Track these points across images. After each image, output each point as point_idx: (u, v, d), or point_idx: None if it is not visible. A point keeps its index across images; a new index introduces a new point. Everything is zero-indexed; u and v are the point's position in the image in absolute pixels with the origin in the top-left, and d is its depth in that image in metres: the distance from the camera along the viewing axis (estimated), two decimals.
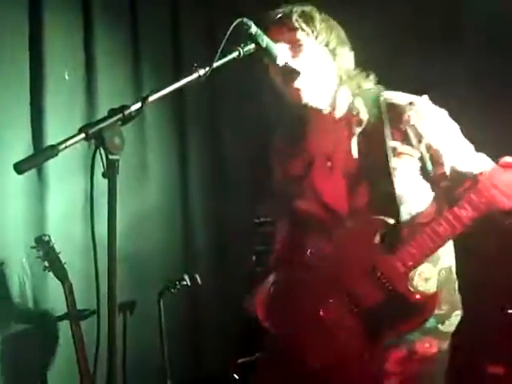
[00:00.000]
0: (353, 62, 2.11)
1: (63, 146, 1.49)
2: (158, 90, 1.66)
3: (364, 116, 2.05)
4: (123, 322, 3.23)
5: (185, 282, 3.27)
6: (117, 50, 3.60)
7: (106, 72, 3.46)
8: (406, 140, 2.00)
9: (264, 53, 1.88)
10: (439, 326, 2.08)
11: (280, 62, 1.92)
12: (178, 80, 1.69)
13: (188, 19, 3.86)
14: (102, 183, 1.61)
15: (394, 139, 2.00)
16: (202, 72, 1.72)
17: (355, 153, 2.03)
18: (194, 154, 3.90)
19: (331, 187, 2.07)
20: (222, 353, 3.65)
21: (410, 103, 2.01)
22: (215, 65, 1.72)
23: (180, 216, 3.83)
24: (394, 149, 1.99)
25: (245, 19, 1.79)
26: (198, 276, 3.29)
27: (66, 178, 3.23)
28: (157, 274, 3.57)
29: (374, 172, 1.99)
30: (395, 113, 2.01)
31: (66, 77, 3.32)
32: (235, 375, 3.48)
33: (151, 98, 1.64)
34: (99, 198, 1.61)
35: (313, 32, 2.00)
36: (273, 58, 1.91)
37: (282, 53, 1.92)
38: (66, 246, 3.10)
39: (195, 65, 1.72)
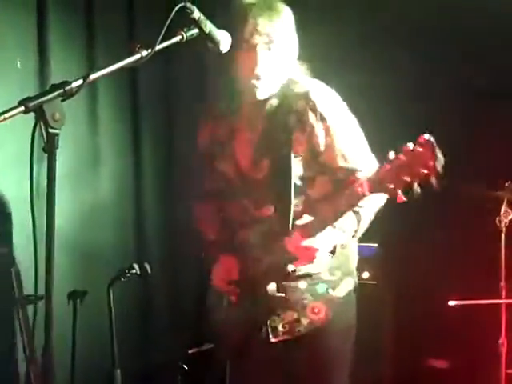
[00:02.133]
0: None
1: (1, 117, 1.49)
2: (100, 69, 1.68)
3: (274, 101, 2.24)
4: (73, 311, 3.22)
5: (134, 271, 3.28)
6: (71, 35, 3.58)
7: (59, 59, 3.45)
8: (306, 125, 2.21)
9: (207, 38, 1.91)
10: (330, 290, 2.24)
11: (223, 48, 1.96)
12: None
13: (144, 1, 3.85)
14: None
15: (297, 124, 2.21)
16: (144, 53, 1.74)
17: (262, 131, 2.25)
18: (148, 143, 3.91)
19: (247, 157, 2.27)
20: (172, 343, 3.68)
21: (307, 93, 2.21)
22: (157, 47, 1.75)
23: (132, 205, 3.84)
24: (292, 133, 2.20)
25: (188, 3, 1.82)
26: (147, 265, 3.31)
27: (16, 163, 3.21)
28: (108, 263, 3.57)
29: (276, 153, 2.20)
30: (300, 97, 2.22)
31: (19, 65, 3.30)
32: (184, 365, 3.52)
33: (93, 76, 1.66)
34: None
35: (272, 35, 2.18)
36: (216, 44, 1.94)
37: (224, 39, 1.95)
38: (17, 232, 3.11)
39: (138, 46, 1.74)
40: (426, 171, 1.78)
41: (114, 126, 3.79)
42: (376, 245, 3.78)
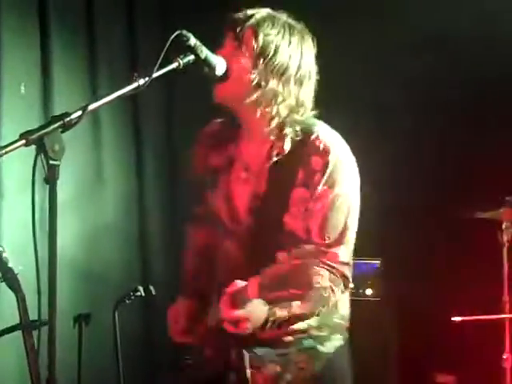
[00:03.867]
0: (308, 92, 2.02)
1: (3, 151, 1.53)
2: (98, 99, 1.72)
3: (287, 146, 1.98)
4: (79, 334, 3.24)
5: (139, 293, 3.31)
6: (74, 63, 3.65)
7: (62, 86, 3.51)
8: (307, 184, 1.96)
9: (203, 64, 1.95)
10: (318, 346, 2.05)
11: (218, 72, 1.99)
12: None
13: (145, 30, 3.92)
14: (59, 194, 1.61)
15: (299, 179, 1.96)
16: (141, 82, 1.78)
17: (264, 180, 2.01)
18: (151, 164, 3.96)
19: (239, 196, 2.06)
20: (177, 366, 3.68)
21: (330, 146, 1.94)
22: (154, 75, 1.79)
23: (136, 226, 3.88)
24: (293, 188, 1.96)
25: (184, 31, 1.86)
26: (152, 287, 3.33)
27: (22, 189, 3.26)
28: (113, 285, 3.60)
29: (271, 204, 1.98)
30: (311, 152, 1.95)
31: (23, 90, 3.36)
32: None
33: (91, 107, 1.70)
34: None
35: (256, 43, 1.98)
36: (212, 69, 1.98)
37: (220, 64, 1.99)
38: (21, 258, 3.13)
39: (136, 74, 1.78)
40: None
41: (117, 147, 3.85)
42: (379, 261, 3.79)
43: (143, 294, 3.31)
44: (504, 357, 3.38)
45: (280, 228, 1.97)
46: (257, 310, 1.91)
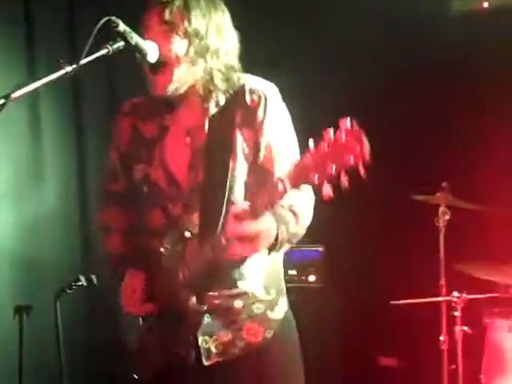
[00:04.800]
0: (232, 54, 2.08)
1: None
2: (22, 87, 1.70)
3: (222, 99, 2.06)
4: (19, 325, 3.20)
5: (80, 283, 3.28)
6: (12, 47, 3.58)
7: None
8: (250, 126, 2.04)
9: (134, 50, 1.94)
10: (268, 312, 2.06)
11: (151, 58, 1.98)
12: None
13: (84, 14, 3.77)
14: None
15: (242, 126, 2.04)
16: (69, 69, 1.76)
17: (206, 132, 2.05)
18: (92, 154, 3.91)
19: (181, 160, 2.08)
20: (121, 353, 3.67)
21: (262, 90, 2.05)
22: (82, 62, 1.77)
23: (77, 217, 3.83)
24: (237, 133, 2.03)
25: (113, 17, 1.85)
26: (94, 277, 3.30)
27: None
28: (54, 275, 3.56)
29: (216, 156, 2.02)
30: (246, 97, 2.05)
31: None
32: (135, 375, 3.50)
33: (15, 95, 1.67)
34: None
35: (185, 26, 1.99)
36: (143, 56, 1.97)
37: (152, 50, 1.98)
38: None
39: (61, 61, 1.75)
40: (352, 159, 1.57)
41: (57, 138, 3.79)
42: (321, 248, 3.84)
43: (85, 284, 3.28)
44: (441, 338, 3.47)
45: (227, 176, 1.99)
46: (267, 224, 1.86)
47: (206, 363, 2.01)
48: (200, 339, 2.00)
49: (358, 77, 4.07)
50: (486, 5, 4.12)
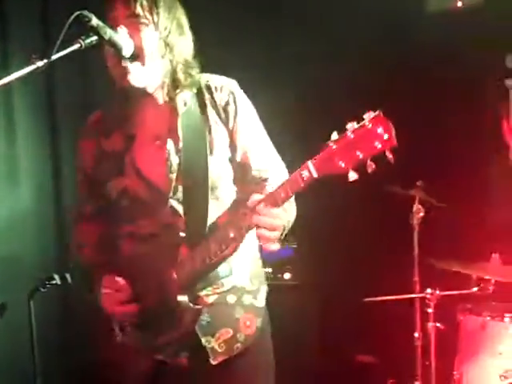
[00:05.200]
0: (191, 51, 2.12)
1: None
2: None
3: (188, 97, 2.09)
4: None
5: (55, 281, 3.25)
6: None
7: None
8: (223, 123, 2.08)
9: (108, 44, 1.93)
10: (254, 301, 2.13)
11: (126, 53, 1.97)
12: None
13: (58, 7, 3.77)
14: None
15: (211, 122, 2.07)
16: (40, 64, 1.75)
17: (180, 133, 2.06)
18: (67, 151, 3.88)
19: (156, 165, 2.07)
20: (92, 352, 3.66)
21: (227, 87, 2.10)
22: (54, 57, 1.76)
23: (52, 216, 3.80)
24: (211, 131, 2.06)
25: (84, 12, 1.84)
26: (68, 275, 3.28)
27: None
28: (28, 274, 3.52)
29: (193, 155, 2.03)
30: (214, 95, 2.09)
31: None
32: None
33: None
34: None
35: (154, 20, 2.00)
36: (118, 50, 1.96)
37: (127, 44, 1.97)
38: None
39: (34, 56, 1.74)
40: (380, 145, 1.67)
41: (32, 134, 3.75)
42: (296, 246, 3.85)
43: (59, 283, 3.26)
44: (415, 335, 3.50)
45: (207, 176, 2.01)
46: (286, 213, 1.88)
47: (213, 363, 2.03)
48: (203, 340, 2.03)
49: (329, 75, 4.08)
50: (459, 4, 4.17)
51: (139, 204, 2.08)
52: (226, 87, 2.10)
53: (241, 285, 2.11)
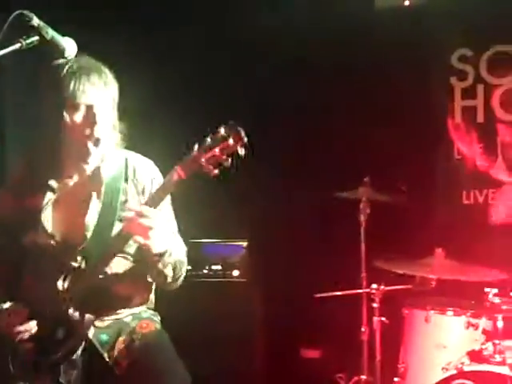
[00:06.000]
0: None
1: None
2: None
3: (107, 172, 2.30)
4: None
5: None
6: None
7: None
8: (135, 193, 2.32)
9: (49, 45, 1.90)
10: (153, 316, 2.43)
11: (68, 54, 1.95)
12: None
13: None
14: None
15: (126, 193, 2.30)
16: None
17: (94, 199, 2.28)
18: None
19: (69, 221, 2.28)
20: None
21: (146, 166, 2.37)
22: None
23: None
24: (125, 201, 2.28)
25: (25, 11, 1.80)
26: None
27: None
28: None
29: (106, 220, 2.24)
30: (132, 173, 2.33)
31: None
32: None
33: None
34: None
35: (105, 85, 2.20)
36: (60, 52, 1.93)
37: (69, 46, 1.95)
38: None
39: None
40: (232, 143, 2.03)
41: None
42: (245, 243, 3.87)
43: None
44: (362, 329, 3.56)
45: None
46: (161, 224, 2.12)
47: (118, 373, 2.20)
48: (105, 355, 2.22)
49: (271, 75, 4.11)
50: (407, 3, 4.23)
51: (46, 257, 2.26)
52: (147, 169, 2.36)
53: (139, 311, 2.39)
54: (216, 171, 2.06)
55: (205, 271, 2.50)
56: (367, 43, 4.07)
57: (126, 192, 2.29)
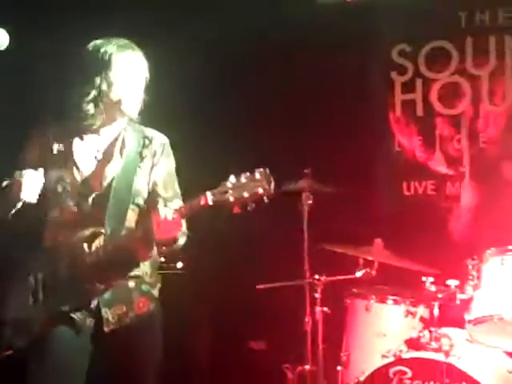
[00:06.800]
0: None
1: None
2: None
3: (129, 144, 2.56)
4: None
5: None
6: None
7: None
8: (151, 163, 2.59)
9: None
10: (151, 289, 2.60)
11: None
12: None
13: None
14: None
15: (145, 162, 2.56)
16: None
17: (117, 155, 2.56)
18: None
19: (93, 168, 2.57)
20: None
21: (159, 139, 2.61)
22: None
23: None
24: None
25: None
26: None
27: None
28: None
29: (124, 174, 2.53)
30: (149, 144, 2.59)
31: None
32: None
33: None
34: None
35: None
36: None
37: (2, 37, 1.95)
38: None
39: None
40: (262, 192, 2.27)
41: None
42: (189, 235, 3.87)
43: None
44: (306, 320, 3.61)
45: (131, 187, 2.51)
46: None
47: (106, 329, 2.45)
48: (102, 310, 2.45)
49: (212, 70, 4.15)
50: None
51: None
52: (158, 139, 2.61)
53: (142, 275, 2.54)
54: (238, 209, 2.28)
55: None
56: (309, 38, 4.12)
57: (142, 156, 2.54)
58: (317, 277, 3.50)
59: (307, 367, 3.57)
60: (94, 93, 2.44)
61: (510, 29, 4.08)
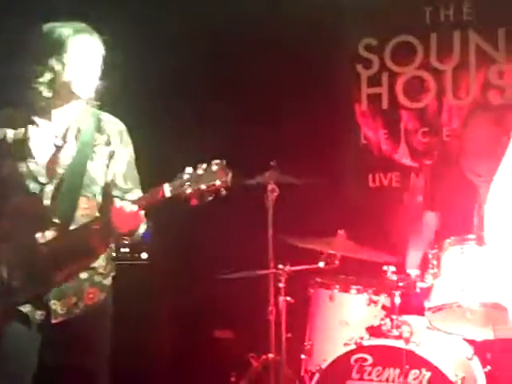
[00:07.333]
0: None
1: None
2: None
3: (84, 128, 2.52)
4: None
5: None
6: None
7: None
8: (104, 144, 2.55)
9: None
10: (102, 280, 2.58)
11: None
12: None
13: None
14: None
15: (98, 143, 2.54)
16: None
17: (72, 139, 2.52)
18: None
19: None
20: None
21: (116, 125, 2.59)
22: None
23: None
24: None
25: None
26: None
27: None
28: None
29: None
30: (105, 129, 2.56)
31: None
32: None
33: None
34: None
35: None
36: None
37: None
38: None
39: None
40: (219, 184, 2.29)
41: None
42: (152, 225, 3.87)
43: None
44: (269, 309, 3.64)
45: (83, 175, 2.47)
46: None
47: (53, 321, 2.42)
48: (51, 302, 2.42)
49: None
50: None
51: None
52: (114, 125, 2.58)
53: (97, 266, 2.53)
54: (196, 201, 2.31)
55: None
56: (275, 32, 4.15)
57: (95, 140, 2.51)
58: (281, 267, 3.53)
59: (271, 356, 3.60)
60: (47, 75, 2.40)
61: (473, 24, 4.15)
